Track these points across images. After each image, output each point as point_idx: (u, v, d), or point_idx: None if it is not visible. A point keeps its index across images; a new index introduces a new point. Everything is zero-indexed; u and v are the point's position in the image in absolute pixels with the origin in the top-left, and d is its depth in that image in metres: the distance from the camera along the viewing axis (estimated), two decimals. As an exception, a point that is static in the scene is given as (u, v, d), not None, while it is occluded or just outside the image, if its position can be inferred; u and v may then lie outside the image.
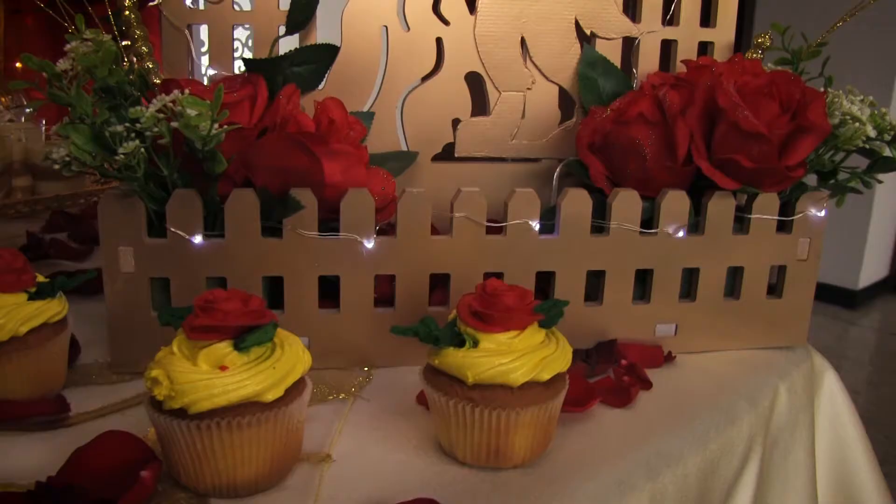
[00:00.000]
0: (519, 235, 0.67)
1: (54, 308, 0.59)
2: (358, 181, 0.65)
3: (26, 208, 1.00)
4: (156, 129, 0.56)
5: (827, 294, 3.10)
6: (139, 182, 0.59)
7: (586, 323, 0.71)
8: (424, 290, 0.67)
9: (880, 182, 0.70)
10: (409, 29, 0.75)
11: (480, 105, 0.79)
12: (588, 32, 0.78)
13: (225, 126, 0.58)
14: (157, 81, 0.71)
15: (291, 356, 0.51)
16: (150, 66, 0.72)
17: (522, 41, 0.77)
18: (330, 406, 0.62)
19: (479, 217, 0.66)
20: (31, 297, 0.59)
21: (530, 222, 0.67)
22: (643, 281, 0.72)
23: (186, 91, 0.56)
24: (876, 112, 0.70)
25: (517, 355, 0.51)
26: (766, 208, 0.71)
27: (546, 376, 0.52)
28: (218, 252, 0.64)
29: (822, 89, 0.70)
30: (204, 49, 0.74)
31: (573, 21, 0.77)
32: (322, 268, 0.65)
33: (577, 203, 0.67)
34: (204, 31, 0.73)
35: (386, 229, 0.67)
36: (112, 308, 0.64)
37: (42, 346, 0.58)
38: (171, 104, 0.57)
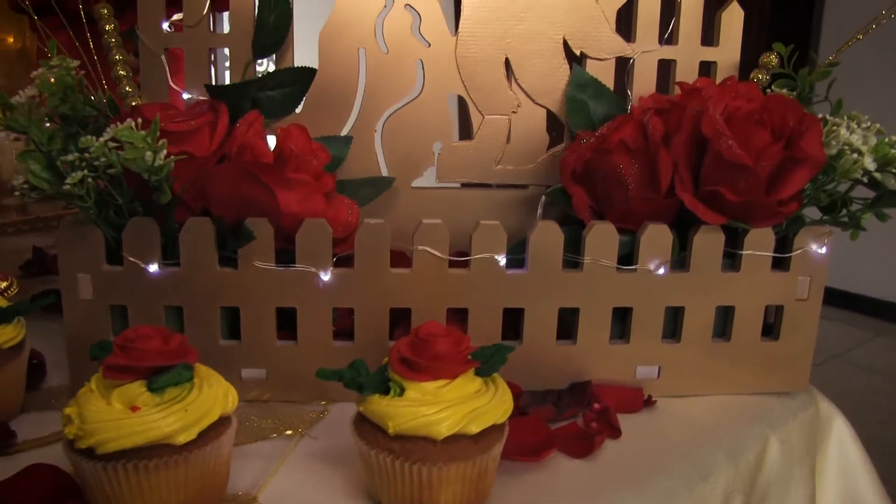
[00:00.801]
0: (484, 270, 0.65)
1: (7, 334, 0.61)
2: (315, 211, 0.64)
3: (26, 227, 1.03)
4: (103, 160, 0.57)
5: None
6: (93, 210, 0.60)
7: (560, 363, 0.68)
8: (384, 325, 0.66)
9: (887, 218, 0.65)
10: (387, 51, 0.73)
11: (468, 129, 0.77)
12: (578, 53, 0.75)
13: (172, 156, 0.58)
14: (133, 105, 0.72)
15: (209, 397, 0.50)
16: (129, 90, 0.73)
17: (507, 62, 0.75)
18: (275, 443, 0.61)
19: (440, 250, 0.64)
20: (-16, 324, 0.60)
21: (496, 256, 0.64)
22: (623, 319, 0.68)
23: (129, 121, 0.56)
24: (885, 141, 0.64)
25: (443, 406, 0.49)
26: (759, 244, 0.67)
27: (475, 429, 0.50)
28: (174, 281, 0.64)
29: (822, 115, 0.66)
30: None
31: (561, 41, 0.74)
32: (279, 299, 0.65)
33: (547, 236, 0.65)
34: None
35: (346, 260, 0.66)
36: (71, 334, 0.65)
37: (-2, 369, 0.60)
38: (132, 130, 0.57)
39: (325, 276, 0.64)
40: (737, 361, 0.70)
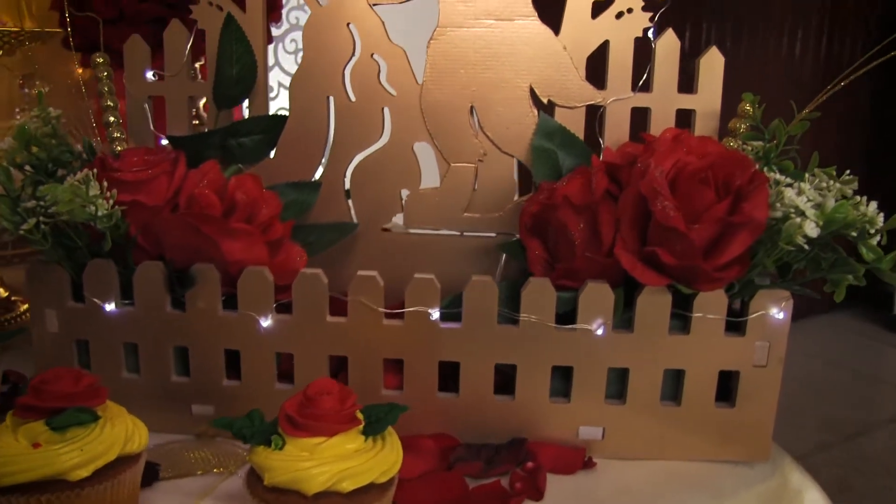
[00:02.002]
0: (418, 323, 0.67)
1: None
2: (259, 259, 0.68)
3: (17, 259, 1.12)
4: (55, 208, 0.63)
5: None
6: (51, 252, 0.67)
7: (499, 417, 0.69)
8: (323, 371, 0.69)
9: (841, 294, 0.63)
10: (354, 99, 0.77)
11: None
12: (545, 101, 0.76)
13: (117, 207, 0.64)
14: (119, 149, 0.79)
15: (110, 437, 0.55)
16: (118, 135, 0.80)
17: (473, 111, 0.76)
18: (203, 480, 0.65)
19: (375, 301, 0.67)
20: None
21: (429, 310, 0.66)
22: (566, 377, 0.69)
23: (84, 173, 0.63)
24: (845, 202, 0.62)
25: (318, 462, 0.52)
26: (710, 307, 0.65)
27: (348, 487, 0.52)
28: (130, 320, 0.70)
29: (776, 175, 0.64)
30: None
31: (528, 89, 0.75)
32: (224, 341, 0.69)
33: (482, 292, 0.66)
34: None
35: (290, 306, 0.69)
36: (39, 365, 0.72)
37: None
38: (76, 183, 0.63)
39: (265, 323, 0.68)
40: (688, 427, 0.68)
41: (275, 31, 1.92)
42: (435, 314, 0.66)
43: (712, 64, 0.75)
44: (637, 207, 0.65)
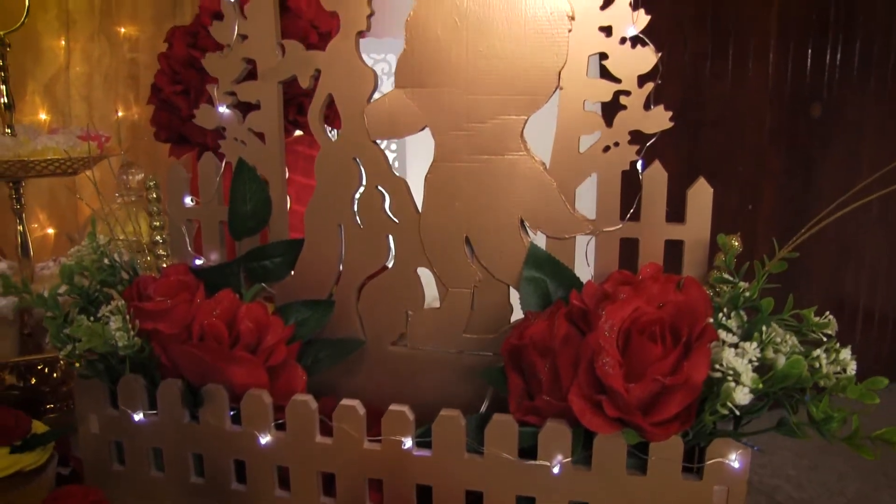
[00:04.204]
0: (394, 449, 0.76)
1: (27, 459, 0.84)
2: (260, 383, 0.80)
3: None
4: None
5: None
6: (91, 368, 0.82)
7: (471, 539, 0.77)
8: (314, 485, 0.80)
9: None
10: (362, 226, 0.87)
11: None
12: (535, 233, 0.83)
13: (137, 339, 0.78)
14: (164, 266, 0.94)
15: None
16: (163, 253, 0.95)
17: (468, 240, 0.85)
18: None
19: (356, 429, 0.77)
20: (13, 450, 0.84)
21: (402, 439, 0.76)
22: (532, 505, 0.76)
23: (111, 306, 0.77)
24: (800, 359, 0.66)
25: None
26: (665, 451, 0.71)
27: None
28: (155, 428, 0.83)
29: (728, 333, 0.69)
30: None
31: (518, 220, 0.83)
32: (233, 452, 0.82)
33: (449, 426, 0.75)
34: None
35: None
36: (85, 459, 0.87)
37: (13, 490, 0.83)
38: (98, 322, 0.78)
39: (264, 439, 0.80)
40: (650, 564, 0.74)
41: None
42: (408, 443, 0.76)
43: (700, 195, 0.80)
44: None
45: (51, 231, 1.57)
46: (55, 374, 1.13)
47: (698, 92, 2.53)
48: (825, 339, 0.72)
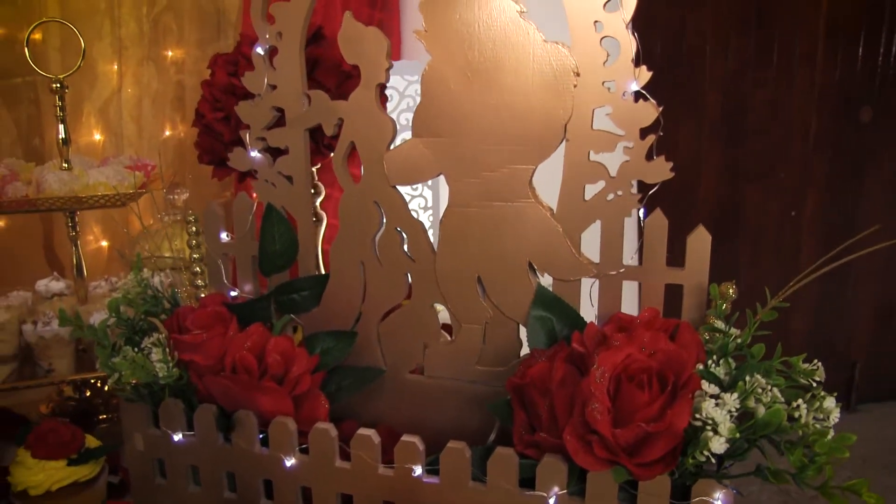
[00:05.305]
0: (406, 476, 0.84)
1: (82, 471, 0.94)
2: (286, 411, 0.88)
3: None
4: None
5: None
6: (135, 393, 0.91)
7: (477, 560, 0.85)
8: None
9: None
10: (382, 264, 0.95)
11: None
12: (542, 275, 0.90)
13: (176, 370, 0.87)
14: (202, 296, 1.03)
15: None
16: (201, 283, 1.04)
17: (479, 279, 0.92)
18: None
19: (371, 456, 0.85)
20: (70, 463, 0.94)
21: (413, 467, 0.83)
22: (534, 532, 0.83)
23: (152, 339, 0.86)
24: (780, 409, 0.71)
25: None
26: (653, 488, 0.77)
27: None
28: (192, 448, 0.93)
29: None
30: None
31: (526, 262, 0.90)
32: (262, 472, 0.90)
33: (455, 457, 0.82)
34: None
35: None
36: (132, 474, 0.97)
37: (70, 498, 0.93)
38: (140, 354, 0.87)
39: (289, 462, 0.88)
40: (640, 591, 0.80)
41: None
42: (418, 470, 0.83)
43: (699, 242, 0.86)
44: (591, 393, 0.78)
45: (104, 244, 1.69)
46: (107, 388, 1.23)
47: (741, 98, 2.55)
48: (814, 385, 0.77)
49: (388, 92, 2.16)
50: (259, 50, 0.95)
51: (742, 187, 2.63)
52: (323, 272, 1.14)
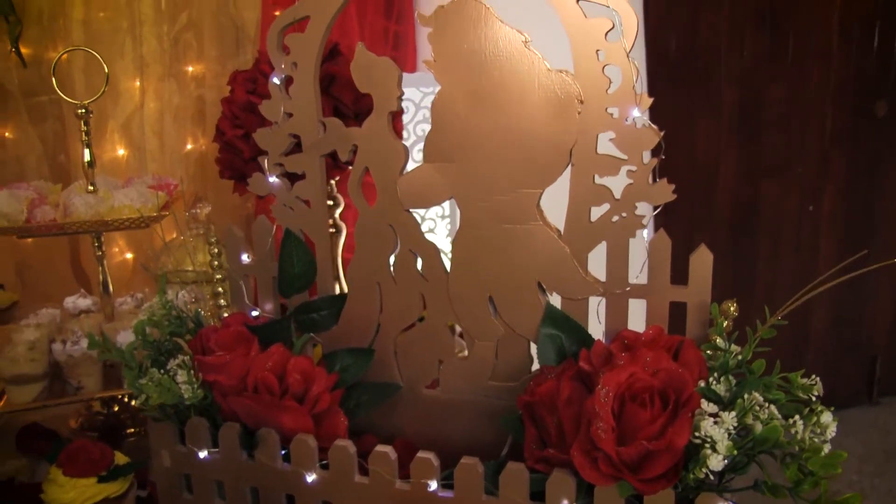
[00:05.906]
0: (422, 490, 0.88)
1: (112, 488, 0.99)
2: (306, 428, 0.93)
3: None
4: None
5: None
6: (161, 412, 0.96)
7: (490, 571, 0.89)
8: (352, 518, 0.93)
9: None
10: (397, 284, 0.99)
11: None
12: (551, 294, 0.94)
13: (200, 391, 0.91)
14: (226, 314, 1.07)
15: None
16: (223, 303, 1.08)
17: (491, 299, 0.96)
18: None
19: (389, 472, 0.89)
20: (100, 480, 0.99)
21: (428, 482, 0.88)
22: (546, 543, 0.87)
23: (172, 363, 0.91)
24: (778, 426, 0.75)
25: None
26: (658, 500, 0.81)
27: None
28: (218, 464, 0.98)
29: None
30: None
31: (536, 282, 0.94)
32: (284, 487, 0.95)
33: (469, 472, 0.86)
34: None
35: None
36: (160, 489, 1.02)
37: (101, 515, 0.99)
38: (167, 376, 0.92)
39: (310, 478, 0.93)
40: None
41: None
42: (433, 485, 0.88)
43: (702, 261, 0.89)
44: (598, 411, 0.82)
45: (129, 255, 1.74)
46: (134, 403, 1.29)
47: (757, 94, 2.56)
48: (813, 399, 0.81)
49: (404, 104, 2.19)
50: (275, 79, 0.99)
51: (759, 182, 2.65)
52: (343, 284, 1.19)
